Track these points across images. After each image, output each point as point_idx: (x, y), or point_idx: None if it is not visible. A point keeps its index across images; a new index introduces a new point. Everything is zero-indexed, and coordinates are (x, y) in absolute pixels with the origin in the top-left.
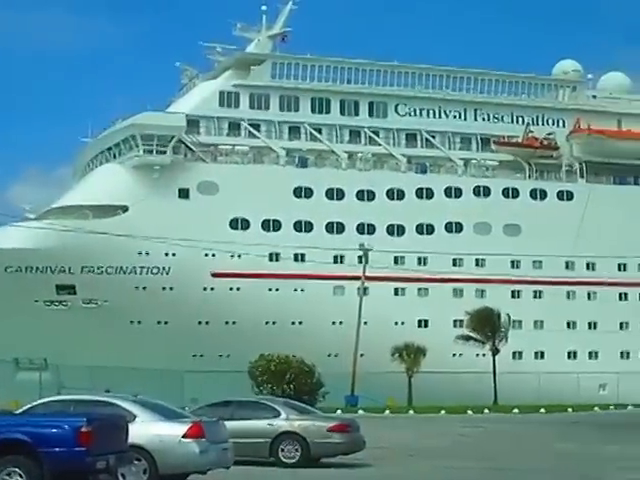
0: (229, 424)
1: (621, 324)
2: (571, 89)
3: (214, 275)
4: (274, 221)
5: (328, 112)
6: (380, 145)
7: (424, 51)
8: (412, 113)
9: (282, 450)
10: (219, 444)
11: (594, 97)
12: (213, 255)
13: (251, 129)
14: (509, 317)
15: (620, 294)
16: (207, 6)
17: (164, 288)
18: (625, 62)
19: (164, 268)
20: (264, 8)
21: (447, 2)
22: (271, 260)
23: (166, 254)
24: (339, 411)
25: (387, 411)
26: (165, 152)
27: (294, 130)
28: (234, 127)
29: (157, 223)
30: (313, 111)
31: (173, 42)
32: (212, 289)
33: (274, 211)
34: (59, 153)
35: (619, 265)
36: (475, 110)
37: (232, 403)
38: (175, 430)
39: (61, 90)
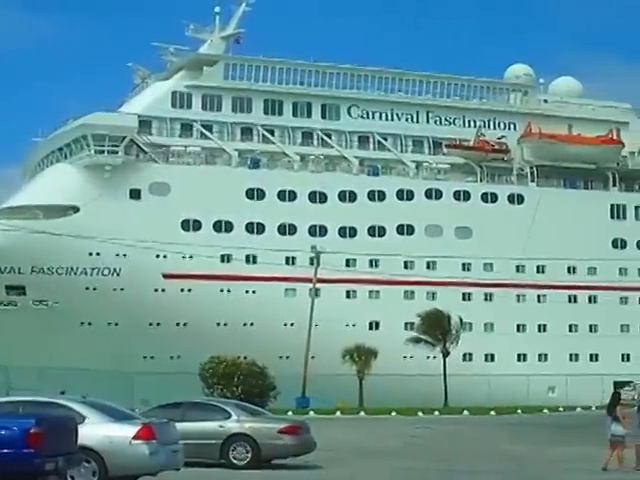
0: (180, 425)
1: (570, 327)
2: (522, 93)
3: (165, 276)
4: (226, 222)
5: (280, 114)
6: (332, 147)
7: (377, 54)
8: (364, 115)
9: (233, 452)
10: (169, 446)
11: (545, 101)
12: (164, 256)
13: (203, 130)
14: (460, 319)
15: (569, 297)
16: (160, 7)
17: (115, 289)
18: (576, 66)
19: (115, 269)
20: (217, 9)
21: (400, 5)
22: (223, 261)
23: (117, 255)
24: (290, 413)
25: (338, 413)
26: (117, 152)
27: (246, 131)
28: (186, 128)
29: (108, 224)
30: (265, 112)
31: (126, 42)
32: (163, 290)
33: (226, 212)
34: (9, 153)
35: (569, 268)
36: (427, 113)
37: (183, 404)
38: (125, 432)
39: (11, 89)
